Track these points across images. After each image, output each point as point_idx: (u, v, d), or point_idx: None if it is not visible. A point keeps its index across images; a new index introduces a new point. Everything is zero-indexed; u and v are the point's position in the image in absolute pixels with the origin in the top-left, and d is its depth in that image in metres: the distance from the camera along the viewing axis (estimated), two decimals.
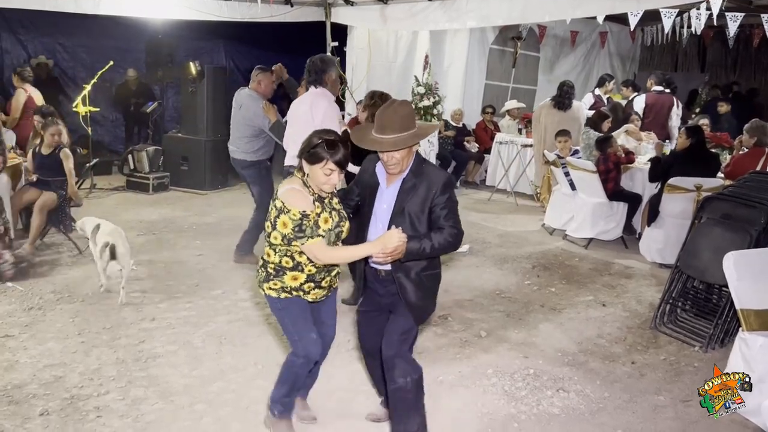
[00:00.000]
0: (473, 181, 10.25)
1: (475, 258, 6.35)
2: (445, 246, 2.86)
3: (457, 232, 2.88)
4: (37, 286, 5.09)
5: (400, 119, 2.84)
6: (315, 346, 3.02)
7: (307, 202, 2.84)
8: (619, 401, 3.72)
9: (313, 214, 2.83)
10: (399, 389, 2.94)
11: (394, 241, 2.74)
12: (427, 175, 2.90)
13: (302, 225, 2.79)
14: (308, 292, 2.99)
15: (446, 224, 2.86)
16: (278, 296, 2.98)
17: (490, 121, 10.31)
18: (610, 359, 4.27)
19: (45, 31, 10.26)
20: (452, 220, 2.88)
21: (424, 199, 2.86)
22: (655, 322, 4.80)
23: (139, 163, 8.86)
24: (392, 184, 2.95)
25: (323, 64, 4.95)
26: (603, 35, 11.87)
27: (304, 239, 2.81)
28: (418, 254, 2.82)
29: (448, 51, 10.16)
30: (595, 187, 6.70)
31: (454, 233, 2.86)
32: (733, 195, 4.73)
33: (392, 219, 2.91)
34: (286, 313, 3.02)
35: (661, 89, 9.10)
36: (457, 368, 4.02)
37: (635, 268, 6.24)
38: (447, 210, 2.87)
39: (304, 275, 2.95)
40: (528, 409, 3.59)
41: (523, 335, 4.58)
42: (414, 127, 2.87)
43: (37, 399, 3.45)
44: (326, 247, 2.85)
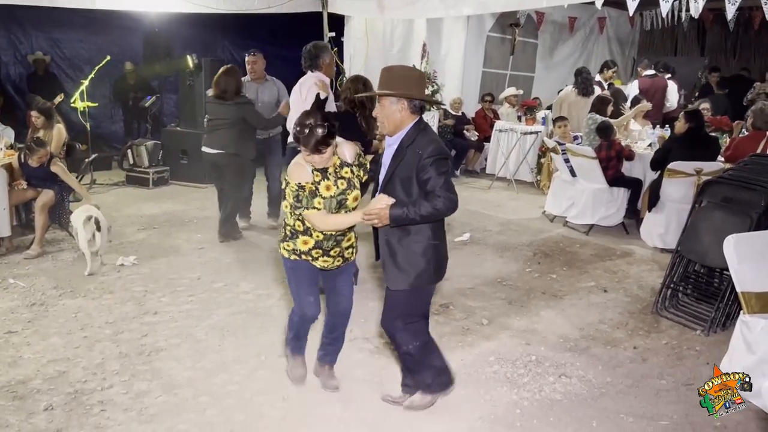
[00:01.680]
0: (473, 170, 10.24)
1: (476, 246, 6.35)
2: (433, 213, 2.89)
3: (444, 198, 2.88)
4: (39, 282, 5.10)
5: (388, 78, 3.02)
6: (310, 307, 3.33)
7: (305, 174, 3.08)
8: (621, 386, 3.73)
9: (309, 185, 3.07)
10: (404, 354, 3.28)
11: (377, 205, 2.92)
12: (418, 142, 2.95)
13: (299, 196, 3.07)
14: (316, 258, 3.24)
15: (434, 191, 2.88)
16: (289, 257, 3.28)
17: (489, 108, 10.28)
18: (612, 344, 4.27)
19: (42, 27, 10.22)
20: (441, 187, 2.88)
21: (412, 165, 2.92)
22: (657, 307, 4.81)
23: (138, 158, 8.84)
24: (388, 152, 3.07)
25: (316, 50, 5.36)
26: (601, 20, 11.81)
27: (301, 209, 3.09)
28: (402, 220, 2.90)
29: (445, 39, 10.13)
30: (595, 173, 6.69)
31: (442, 200, 2.87)
32: (733, 178, 4.72)
33: (384, 185, 3.04)
34: (292, 273, 3.32)
35: (653, 73, 9.08)
36: (459, 356, 4.03)
37: (636, 253, 6.24)
38: (434, 176, 2.88)
39: (312, 240, 3.19)
40: (530, 395, 3.60)
41: (525, 322, 4.59)
42: (403, 88, 2.96)
43: (41, 394, 3.47)
44: (321, 215, 3.09)
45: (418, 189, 2.94)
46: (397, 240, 3.04)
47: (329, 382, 3.58)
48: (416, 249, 3.03)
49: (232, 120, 6.01)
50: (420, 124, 3.02)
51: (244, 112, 6.04)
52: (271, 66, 7.00)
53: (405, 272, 3.07)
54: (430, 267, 3.07)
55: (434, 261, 3.08)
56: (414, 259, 3.05)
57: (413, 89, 2.99)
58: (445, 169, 2.93)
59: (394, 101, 2.96)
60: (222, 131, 6.06)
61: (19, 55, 10.21)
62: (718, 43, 13.52)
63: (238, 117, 6.01)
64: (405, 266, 3.06)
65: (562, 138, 7.66)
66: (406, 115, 2.98)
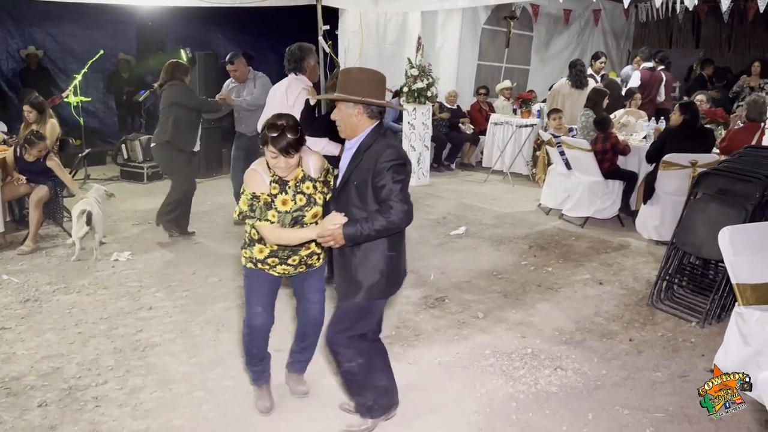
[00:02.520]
0: (469, 163, 10.23)
1: (471, 239, 6.35)
2: (388, 227, 2.70)
3: (397, 210, 2.67)
4: (33, 278, 5.08)
5: (345, 81, 2.86)
6: (256, 318, 3.18)
7: (261, 184, 2.94)
8: (616, 378, 3.74)
9: (264, 196, 2.93)
10: (346, 372, 3.05)
11: (329, 226, 2.75)
12: (376, 147, 2.78)
13: (252, 205, 2.94)
14: (273, 267, 3.11)
15: (388, 200, 2.69)
16: (245, 264, 3.17)
17: (484, 102, 10.27)
18: (607, 337, 4.28)
19: (34, 22, 10.13)
20: (395, 196, 2.69)
21: (368, 170, 2.74)
22: (652, 299, 4.81)
23: (132, 153, 8.82)
24: (346, 156, 2.91)
25: (301, 52, 5.02)
26: (596, 13, 11.80)
27: (254, 219, 2.95)
28: (357, 238, 2.73)
29: (440, 32, 10.12)
30: (590, 165, 6.68)
31: (395, 211, 2.67)
32: (728, 170, 4.72)
33: (339, 191, 2.89)
34: (246, 281, 3.21)
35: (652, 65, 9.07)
36: (455, 349, 4.03)
37: (632, 245, 6.25)
38: (389, 183, 2.70)
39: (268, 249, 3.06)
40: (526, 388, 3.60)
41: (521, 315, 4.59)
42: (358, 92, 2.79)
43: (35, 390, 3.45)
44: (273, 228, 2.94)
45: (373, 196, 2.76)
46: (351, 250, 2.85)
47: (297, 387, 3.46)
48: (370, 260, 2.85)
49: (165, 105, 5.85)
50: (380, 129, 2.86)
51: (173, 95, 5.80)
52: (264, 59, 6.98)
53: (356, 284, 2.88)
54: (383, 280, 2.88)
55: (388, 274, 2.88)
56: (367, 271, 2.86)
57: (370, 93, 2.81)
58: (403, 177, 2.74)
59: (350, 105, 2.81)
60: (160, 122, 5.92)
61: (11, 50, 10.13)
62: (713, 35, 13.52)
63: (171, 101, 5.81)
64: (357, 278, 2.87)
65: (556, 130, 7.66)
66: (363, 119, 2.83)
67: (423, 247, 6.07)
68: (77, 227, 5.41)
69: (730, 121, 7.55)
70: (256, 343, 3.25)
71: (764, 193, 4.35)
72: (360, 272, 2.86)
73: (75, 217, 5.43)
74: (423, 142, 8.68)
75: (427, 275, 5.32)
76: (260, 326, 3.20)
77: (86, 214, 5.39)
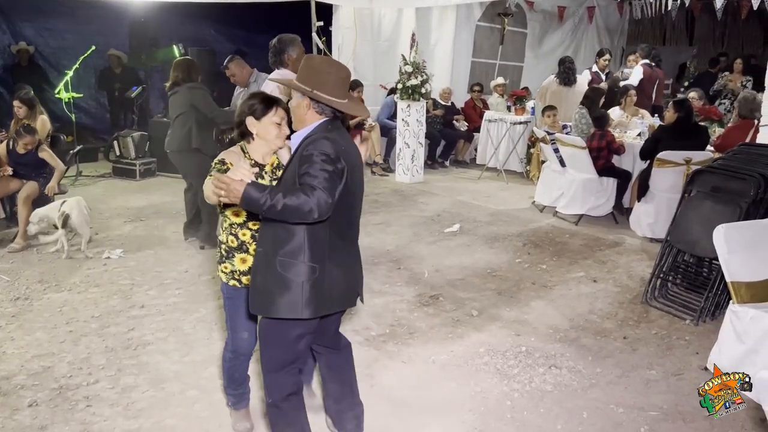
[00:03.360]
0: (463, 160, 10.21)
1: (465, 237, 6.33)
2: (299, 209, 2.23)
3: (318, 196, 2.25)
4: (24, 276, 5.03)
5: (304, 68, 2.59)
6: (243, 343, 2.99)
7: (237, 161, 2.73)
8: (611, 376, 3.73)
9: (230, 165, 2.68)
10: (269, 406, 2.70)
11: (234, 176, 2.30)
12: (317, 141, 2.41)
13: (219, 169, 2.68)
14: None
15: (310, 183, 2.28)
16: (227, 281, 2.89)
17: (478, 99, 10.25)
18: (601, 335, 4.27)
19: (26, 17, 10.05)
20: (319, 183, 2.28)
21: (298, 165, 2.40)
22: (646, 297, 4.81)
23: (124, 149, 8.75)
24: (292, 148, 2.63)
25: (280, 44, 4.68)
26: (590, 10, 11.78)
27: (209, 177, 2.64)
28: (254, 202, 2.25)
29: (434, 28, 10.08)
30: (584, 163, 6.68)
31: (315, 197, 2.24)
32: (722, 167, 4.72)
33: (276, 185, 2.59)
34: (230, 303, 2.95)
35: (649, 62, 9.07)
36: (449, 348, 4.01)
37: (626, 243, 6.25)
38: (315, 170, 2.31)
39: (251, 257, 2.78)
40: (521, 386, 3.59)
41: (515, 313, 4.58)
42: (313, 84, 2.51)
43: (25, 390, 3.42)
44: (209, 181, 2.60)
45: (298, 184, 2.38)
46: (270, 251, 2.48)
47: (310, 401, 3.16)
48: (286, 267, 2.44)
49: (184, 108, 5.53)
50: (329, 125, 2.52)
51: (193, 98, 5.50)
52: (258, 56, 6.90)
53: (265, 294, 2.49)
54: (302, 295, 2.43)
55: (309, 289, 2.44)
56: (281, 279, 2.45)
57: (325, 87, 2.50)
58: (331, 169, 2.33)
59: (300, 94, 2.55)
60: (176, 126, 5.59)
61: (2, 46, 10.04)
62: (707, 32, 13.54)
63: (191, 104, 5.51)
64: (268, 286, 2.47)
65: (551, 128, 7.65)
66: (311, 113, 2.53)
67: (417, 244, 6.05)
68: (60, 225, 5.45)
69: (724, 118, 7.55)
70: (239, 368, 3.09)
71: (758, 190, 4.35)
72: (273, 280, 2.47)
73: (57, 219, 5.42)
74: (417, 139, 8.65)
75: (422, 273, 5.30)
76: (246, 351, 3.03)
77: (64, 215, 5.41)
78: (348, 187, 2.45)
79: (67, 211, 5.42)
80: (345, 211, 2.51)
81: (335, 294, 2.54)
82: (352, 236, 2.66)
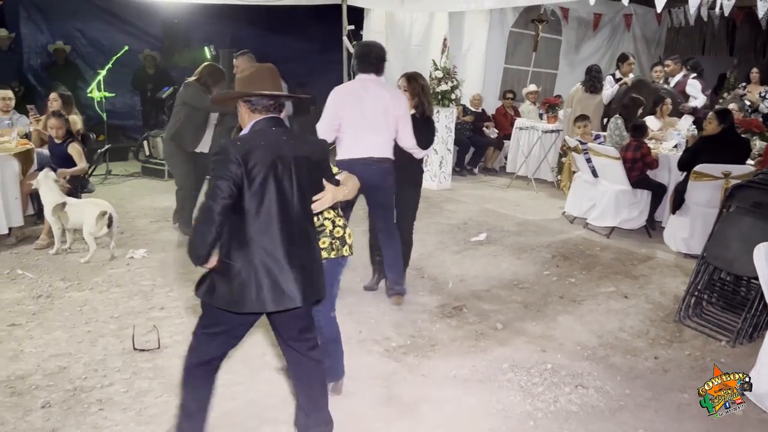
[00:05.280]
0: (492, 168, 10.07)
1: (492, 246, 6.18)
2: (198, 214, 2.49)
3: (204, 202, 2.45)
4: (47, 274, 5.04)
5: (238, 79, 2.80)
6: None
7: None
8: (641, 399, 3.56)
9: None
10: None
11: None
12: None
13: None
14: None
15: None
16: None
17: (510, 106, 10.10)
18: (631, 354, 4.09)
19: (63, 17, 10.22)
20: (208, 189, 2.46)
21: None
22: (680, 315, 4.61)
23: (154, 149, 8.80)
24: None
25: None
26: (628, 17, 11.54)
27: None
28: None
29: (467, 34, 9.95)
30: (618, 173, 6.48)
31: (203, 201, 2.46)
32: (764, 182, 4.51)
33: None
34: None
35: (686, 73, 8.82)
36: (471, 362, 3.88)
37: (659, 258, 6.04)
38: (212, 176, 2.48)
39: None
40: (545, 406, 3.44)
41: (541, 328, 4.43)
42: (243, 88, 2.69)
43: (39, 390, 3.38)
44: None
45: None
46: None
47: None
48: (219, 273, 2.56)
49: (179, 104, 5.92)
50: (255, 126, 2.63)
51: (186, 95, 5.84)
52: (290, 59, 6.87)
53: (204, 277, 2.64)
54: (220, 287, 2.53)
55: (222, 283, 2.52)
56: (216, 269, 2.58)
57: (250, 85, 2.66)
58: (220, 173, 2.42)
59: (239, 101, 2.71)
60: (171, 117, 6.02)
61: (40, 45, 10.20)
62: (748, 41, 13.14)
63: (182, 101, 5.86)
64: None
65: (582, 137, 7.46)
66: (248, 113, 2.66)
67: (442, 253, 5.93)
68: (96, 228, 5.34)
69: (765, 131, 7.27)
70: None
71: None
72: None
73: (94, 217, 5.34)
74: (445, 146, 8.53)
75: (445, 282, 5.18)
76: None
77: (107, 216, 5.37)
78: (263, 184, 2.46)
79: (110, 212, 5.40)
80: (265, 207, 2.48)
81: (251, 297, 2.49)
82: (289, 233, 2.54)
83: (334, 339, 3.34)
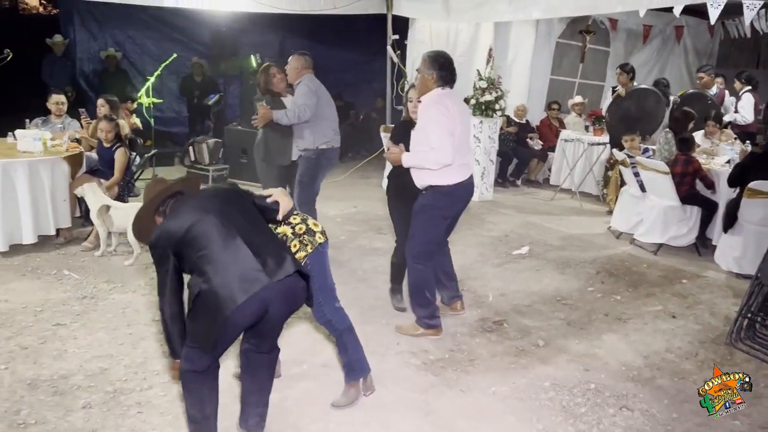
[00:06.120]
0: (536, 180, 9.91)
1: (535, 261, 6.06)
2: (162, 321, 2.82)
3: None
4: (92, 275, 5.13)
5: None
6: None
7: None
8: (689, 424, 3.41)
9: None
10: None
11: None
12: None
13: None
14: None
15: None
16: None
17: (555, 117, 9.94)
18: (679, 376, 3.94)
19: (115, 24, 10.52)
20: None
21: None
22: (731, 338, 4.42)
23: (199, 155, 8.93)
24: None
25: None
26: (679, 29, 11.23)
27: None
28: None
29: (512, 44, 9.84)
30: (667, 188, 6.29)
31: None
32: None
33: None
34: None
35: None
36: (511, 379, 3.79)
37: (709, 277, 5.82)
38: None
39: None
40: (587, 428, 3.33)
41: (585, 346, 4.30)
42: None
43: (81, 391, 3.43)
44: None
45: None
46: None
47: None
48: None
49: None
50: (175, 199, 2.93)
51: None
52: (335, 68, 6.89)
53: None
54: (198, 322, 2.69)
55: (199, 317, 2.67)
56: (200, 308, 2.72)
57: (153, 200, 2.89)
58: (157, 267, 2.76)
59: None
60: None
61: (92, 51, 10.50)
62: None
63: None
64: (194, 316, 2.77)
65: (630, 151, 7.28)
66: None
67: (483, 265, 5.84)
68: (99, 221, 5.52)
69: None
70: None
71: None
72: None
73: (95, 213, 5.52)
74: (488, 156, 8.43)
75: (486, 296, 5.09)
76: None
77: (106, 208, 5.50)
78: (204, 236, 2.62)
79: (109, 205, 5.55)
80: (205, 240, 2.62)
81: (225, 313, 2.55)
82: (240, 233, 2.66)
83: (347, 328, 3.40)
